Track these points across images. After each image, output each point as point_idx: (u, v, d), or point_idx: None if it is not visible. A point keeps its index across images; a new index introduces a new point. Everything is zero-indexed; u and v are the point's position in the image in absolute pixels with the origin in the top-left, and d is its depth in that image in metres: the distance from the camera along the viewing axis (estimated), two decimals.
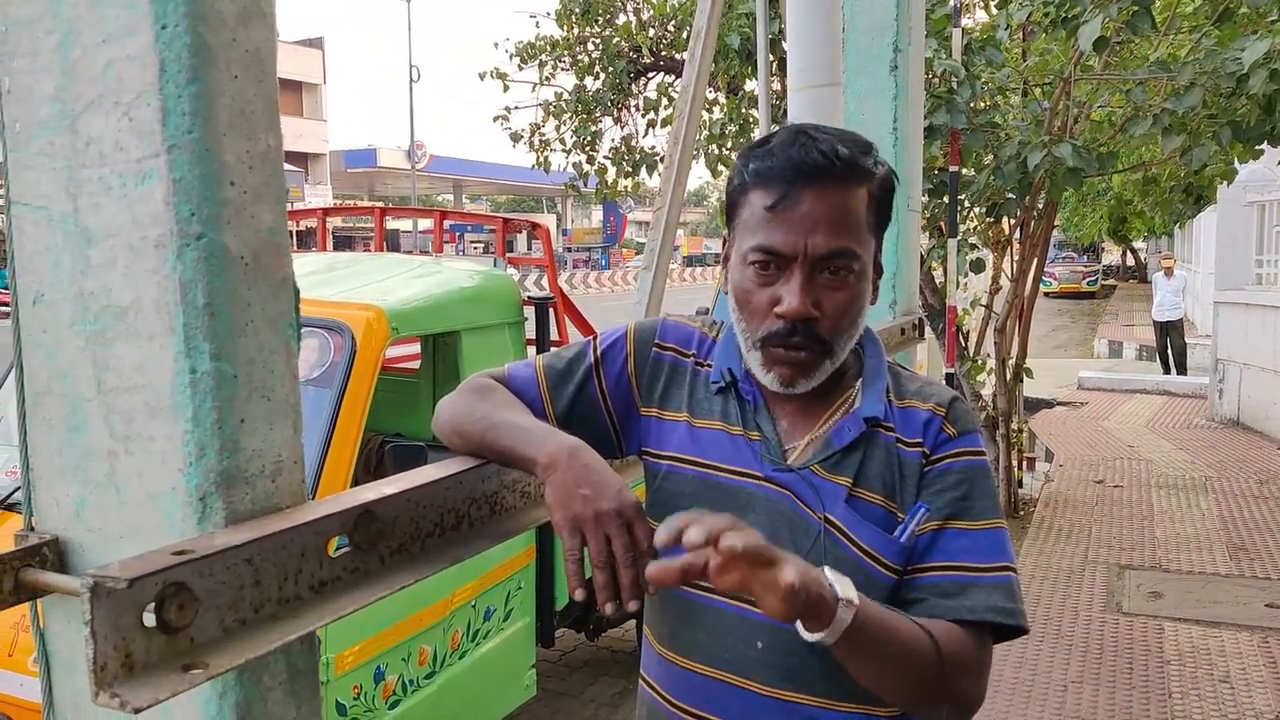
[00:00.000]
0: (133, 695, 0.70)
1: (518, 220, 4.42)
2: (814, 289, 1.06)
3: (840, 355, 1.10)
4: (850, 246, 1.06)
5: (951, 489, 1.07)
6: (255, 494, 0.86)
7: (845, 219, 1.06)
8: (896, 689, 0.99)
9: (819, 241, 1.04)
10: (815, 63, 2.33)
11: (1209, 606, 4.51)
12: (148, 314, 0.84)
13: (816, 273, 1.06)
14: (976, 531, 1.06)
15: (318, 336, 2.69)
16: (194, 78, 0.82)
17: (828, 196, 1.05)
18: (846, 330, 1.09)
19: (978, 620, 1.02)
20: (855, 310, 1.09)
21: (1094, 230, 14.55)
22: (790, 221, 1.05)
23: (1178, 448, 7.81)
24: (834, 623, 0.90)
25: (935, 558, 1.05)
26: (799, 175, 1.05)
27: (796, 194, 1.05)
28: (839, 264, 1.06)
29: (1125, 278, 32.61)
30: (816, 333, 1.07)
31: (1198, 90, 4.17)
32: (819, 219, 1.05)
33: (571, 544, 0.98)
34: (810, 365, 1.08)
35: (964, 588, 1.03)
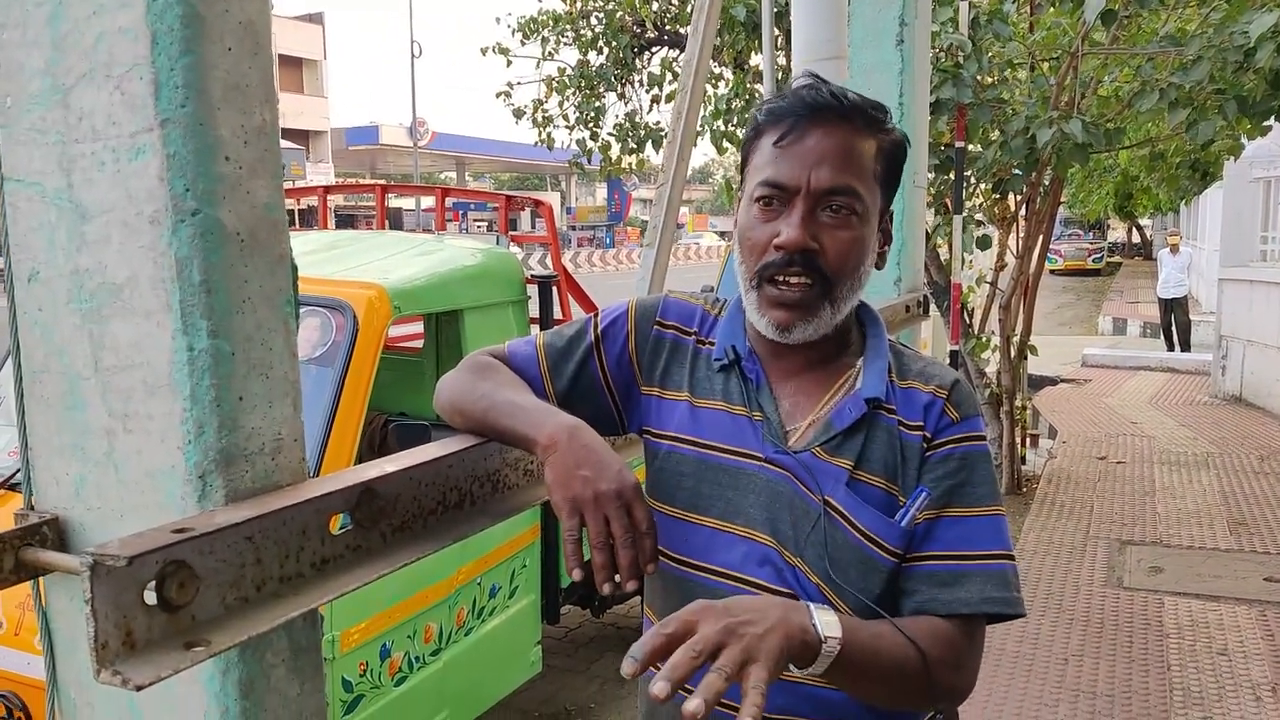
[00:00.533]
0: (135, 673, 0.70)
1: (520, 198, 4.40)
2: (815, 224, 1.06)
3: (841, 303, 1.08)
4: (853, 184, 1.06)
5: (951, 475, 1.06)
6: (255, 472, 0.86)
7: (850, 158, 1.06)
8: (885, 699, 1.02)
9: (823, 175, 1.05)
10: (820, 36, 2.31)
11: (1208, 581, 4.52)
12: (144, 291, 0.83)
13: (819, 209, 1.06)
14: (973, 519, 1.05)
15: (319, 315, 2.68)
16: (186, 50, 0.80)
17: (834, 134, 1.06)
18: (848, 274, 1.07)
19: (971, 613, 1.02)
20: (858, 253, 1.08)
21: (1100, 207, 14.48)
22: (795, 155, 1.06)
23: (1180, 424, 7.80)
24: (818, 661, 0.91)
25: (931, 546, 1.05)
26: (807, 111, 1.06)
27: (803, 129, 1.06)
28: (841, 201, 1.05)
29: (1130, 255, 32.47)
30: (816, 264, 1.06)
31: (1204, 64, 4.12)
32: (824, 154, 1.05)
33: (570, 525, 0.98)
34: (808, 305, 1.07)
35: (959, 577, 1.03)
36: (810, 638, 0.90)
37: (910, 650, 0.98)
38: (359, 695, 2.56)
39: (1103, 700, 3.45)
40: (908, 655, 0.98)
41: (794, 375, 1.13)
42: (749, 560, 1.07)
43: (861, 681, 0.97)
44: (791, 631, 0.89)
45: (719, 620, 0.87)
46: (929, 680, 0.98)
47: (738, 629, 0.87)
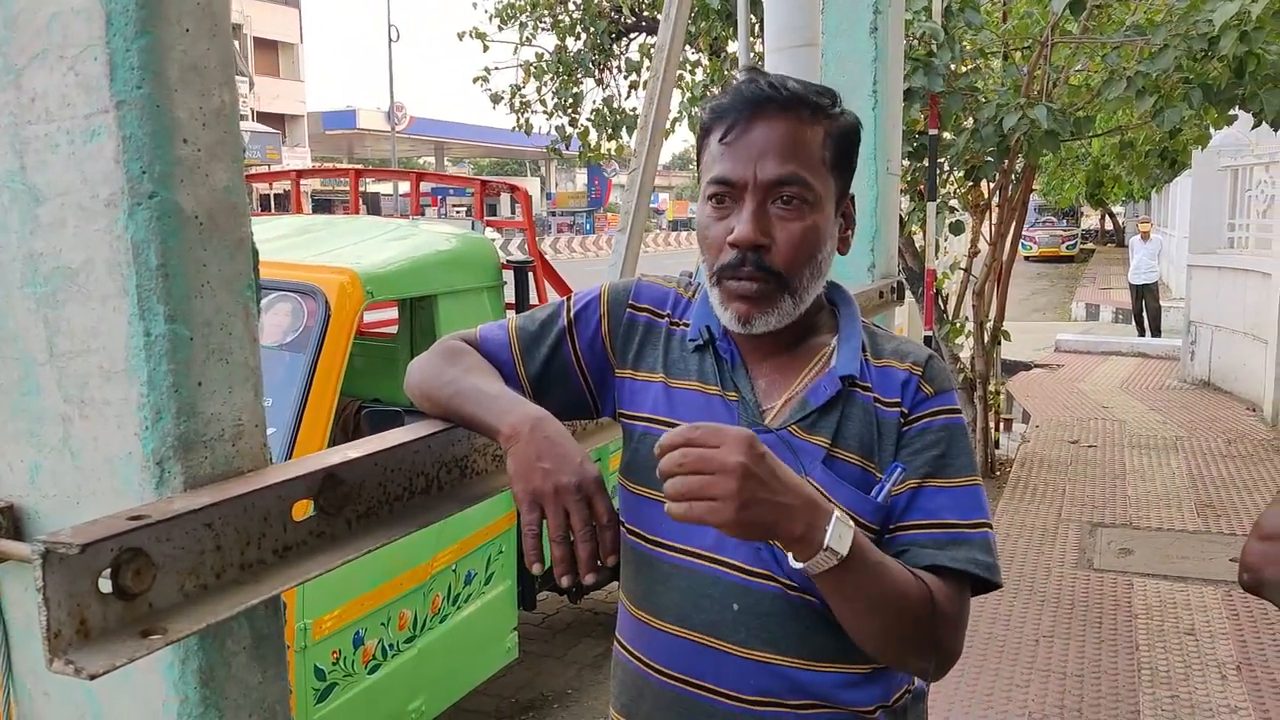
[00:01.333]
0: (88, 662, 0.70)
1: (496, 183, 4.37)
2: (765, 218, 1.06)
3: (802, 293, 1.09)
4: (800, 173, 1.06)
5: (930, 448, 1.07)
6: (215, 458, 0.85)
7: (794, 147, 1.06)
8: (881, 634, 0.99)
9: (768, 168, 1.05)
10: (793, 23, 2.31)
11: (1176, 562, 4.60)
12: (100, 275, 0.82)
13: (769, 202, 1.07)
14: (955, 489, 1.06)
15: (291, 300, 2.66)
16: (142, 31, 0.79)
17: (776, 125, 1.06)
18: (804, 265, 1.08)
19: (959, 570, 1.02)
20: (811, 242, 1.08)
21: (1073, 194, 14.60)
22: (740, 150, 1.07)
23: (1150, 408, 7.91)
24: (815, 559, 0.91)
25: (914, 515, 1.05)
26: (747, 105, 1.07)
27: (745, 124, 1.07)
28: (789, 192, 1.06)
29: (1103, 241, 32.78)
30: (767, 263, 1.07)
31: (1170, 52, 4.16)
32: (767, 146, 1.06)
33: (530, 518, 0.98)
34: (765, 299, 1.07)
35: (944, 544, 1.03)
36: (813, 536, 0.91)
37: (920, 587, 0.99)
38: (332, 683, 2.55)
39: (1072, 680, 3.51)
40: (915, 590, 0.98)
41: (769, 355, 1.14)
42: (724, 540, 1.07)
43: (859, 601, 0.96)
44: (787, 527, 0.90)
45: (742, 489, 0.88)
46: (934, 627, 0.98)
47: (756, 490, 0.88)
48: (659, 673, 1.13)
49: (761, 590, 1.06)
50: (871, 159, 2.78)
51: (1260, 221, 8.39)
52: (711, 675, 1.08)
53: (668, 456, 0.90)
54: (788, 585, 1.05)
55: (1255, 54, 4.05)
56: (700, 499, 0.88)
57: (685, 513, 0.88)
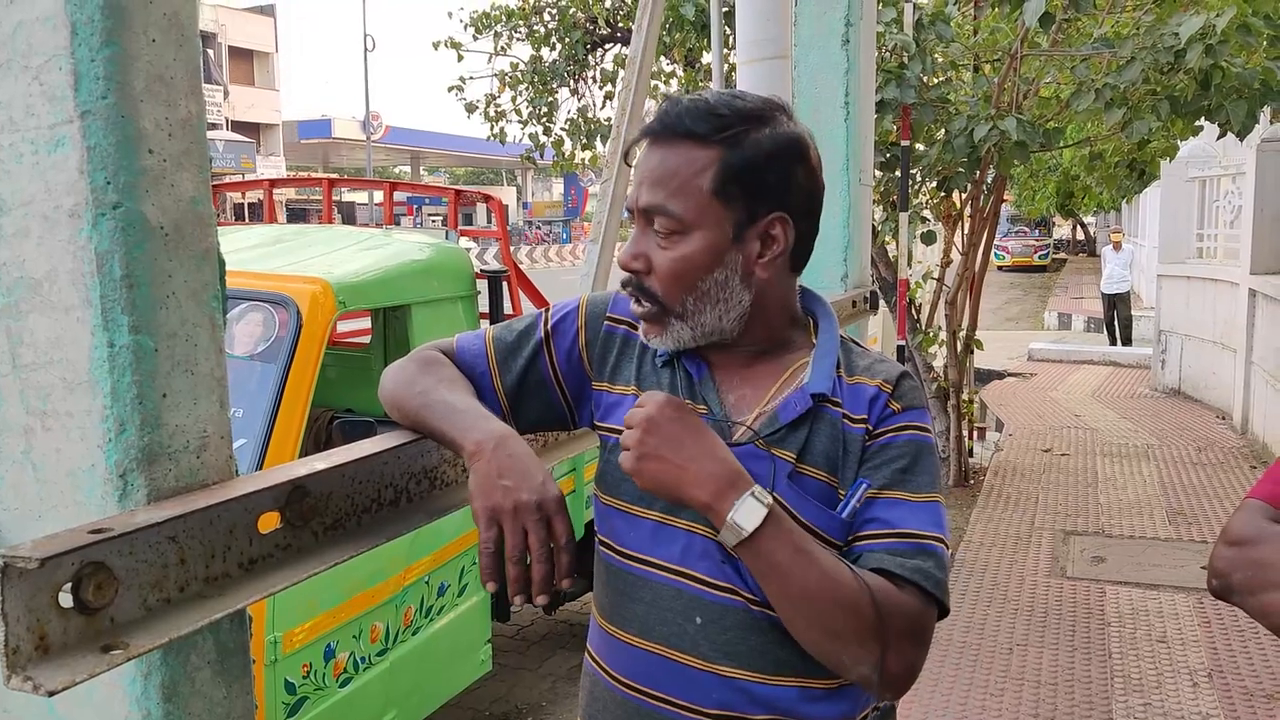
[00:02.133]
0: (47, 678, 0.69)
1: (470, 193, 4.37)
2: (648, 244, 1.10)
3: (696, 318, 1.09)
4: (665, 204, 1.06)
5: (893, 461, 1.06)
6: (179, 470, 0.84)
7: (668, 178, 1.07)
8: (810, 625, 0.97)
9: (643, 195, 1.09)
10: (764, 35, 2.32)
11: (1148, 570, 4.65)
12: (63, 286, 0.81)
13: (651, 228, 1.10)
14: (914, 503, 1.05)
15: (262, 310, 2.64)
16: (108, 41, 0.79)
17: (659, 153, 1.09)
18: (681, 291, 1.08)
19: (907, 579, 0.99)
20: (684, 270, 1.07)
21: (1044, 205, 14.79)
22: (637, 175, 1.11)
23: (1122, 417, 8.01)
24: (723, 533, 0.97)
25: (870, 526, 1.04)
26: (647, 131, 1.11)
27: (646, 149, 1.11)
28: (659, 222, 1.08)
29: (1075, 251, 33.18)
30: (644, 286, 1.10)
31: (1137, 65, 4.24)
32: (645, 175, 1.09)
33: (487, 535, 0.97)
34: (653, 320, 1.11)
35: (895, 552, 1.02)
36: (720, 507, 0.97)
37: (854, 581, 0.96)
38: (302, 697, 2.52)
39: (1046, 688, 3.54)
40: (849, 581, 0.96)
41: (740, 369, 1.14)
42: (689, 553, 1.08)
43: (782, 583, 0.97)
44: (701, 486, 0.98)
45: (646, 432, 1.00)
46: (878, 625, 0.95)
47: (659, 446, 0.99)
48: (623, 685, 1.13)
49: (724, 604, 1.06)
50: (844, 170, 2.81)
51: (1228, 232, 8.54)
52: (673, 688, 1.08)
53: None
54: (750, 599, 1.05)
55: (1220, 67, 4.13)
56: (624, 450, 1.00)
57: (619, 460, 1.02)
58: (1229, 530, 0.98)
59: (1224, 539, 0.98)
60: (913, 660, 0.99)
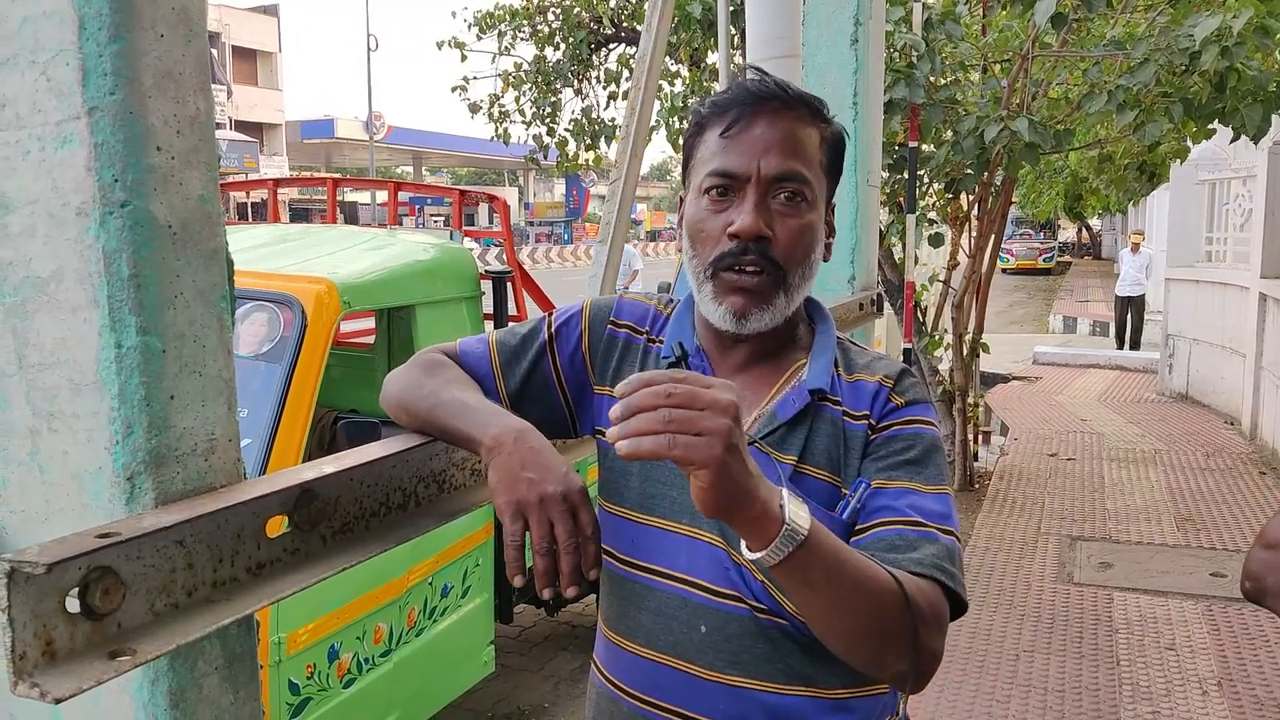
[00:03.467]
0: (54, 685, 0.67)
1: (474, 193, 4.35)
2: (767, 212, 1.07)
3: (794, 292, 1.08)
4: (802, 171, 1.07)
5: (899, 453, 1.04)
6: (187, 473, 0.83)
7: (798, 145, 1.07)
8: (852, 630, 0.90)
9: (772, 162, 1.05)
10: (774, 34, 2.31)
11: (1156, 576, 4.62)
12: (70, 285, 0.80)
13: (770, 197, 1.07)
14: (924, 492, 1.02)
15: (267, 310, 2.62)
16: (116, 36, 0.78)
17: (780, 122, 1.07)
18: (800, 261, 1.08)
19: (921, 572, 0.94)
20: (809, 241, 1.08)
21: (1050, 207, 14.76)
22: (744, 144, 1.07)
23: (1129, 421, 7.97)
24: (777, 542, 0.83)
25: (880, 514, 1.00)
26: (753, 100, 1.07)
27: (750, 118, 1.07)
28: (792, 188, 1.06)
29: (1081, 254, 33.16)
30: (770, 254, 1.06)
31: (1151, 67, 4.21)
32: (772, 142, 1.06)
33: (514, 529, 0.95)
34: (763, 293, 1.06)
35: (911, 542, 0.97)
36: (772, 511, 0.83)
37: (889, 581, 0.90)
38: (306, 698, 2.51)
39: (1053, 695, 3.51)
40: (885, 584, 0.90)
41: (741, 370, 1.13)
42: (695, 561, 1.06)
43: (822, 595, 0.87)
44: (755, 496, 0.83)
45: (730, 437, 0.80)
46: (909, 624, 0.90)
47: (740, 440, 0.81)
48: (629, 695, 1.11)
49: (729, 612, 1.04)
50: (852, 171, 2.79)
51: (1238, 235, 8.50)
52: (679, 699, 1.06)
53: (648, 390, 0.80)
54: (756, 607, 1.03)
55: (1236, 69, 4.10)
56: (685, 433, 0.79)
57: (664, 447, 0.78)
58: (1266, 533, 0.97)
59: (1261, 541, 0.97)
60: (937, 649, 0.94)
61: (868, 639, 0.91)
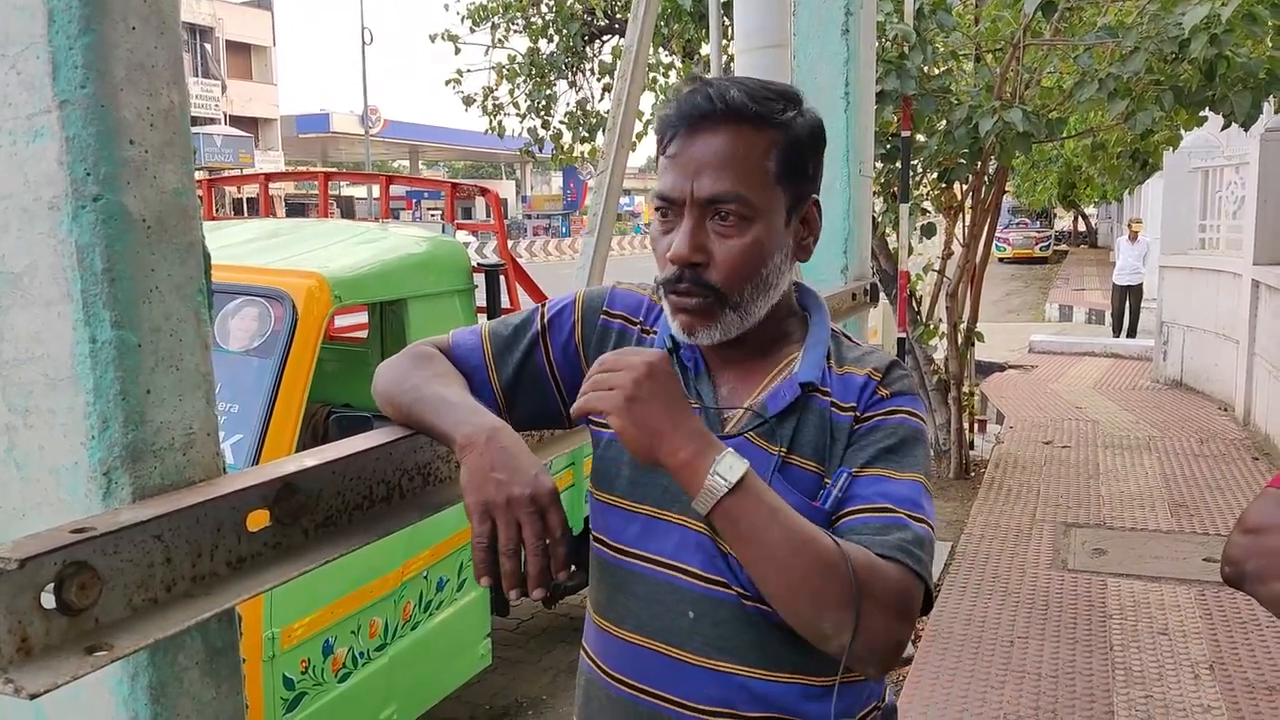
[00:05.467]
0: (29, 680, 0.67)
1: (466, 185, 4.34)
2: (702, 234, 1.05)
3: (746, 306, 1.07)
4: (735, 190, 1.03)
5: (879, 442, 1.04)
6: (165, 468, 0.83)
7: (734, 161, 1.04)
8: (786, 584, 0.93)
9: (705, 184, 1.03)
10: (762, 24, 2.30)
11: (1150, 562, 4.64)
12: (43, 280, 0.79)
13: (707, 218, 1.05)
14: (896, 480, 1.02)
15: (258, 305, 2.62)
16: (86, 29, 0.77)
17: (714, 139, 1.04)
18: (745, 279, 1.06)
19: (886, 554, 0.95)
20: (750, 258, 1.05)
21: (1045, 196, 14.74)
22: (679, 166, 1.05)
23: (1123, 409, 7.99)
24: (699, 494, 0.93)
25: (852, 502, 1.02)
26: (684, 120, 1.05)
27: (685, 138, 1.05)
28: (726, 209, 1.04)
29: (1076, 243, 33.14)
30: (703, 279, 1.05)
31: (1141, 55, 4.20)
32: (703, 162, 1.04)
33: (481, 530, 0.95)
34: (704, 313, 1.06)
35: (878, 528, 0.98)
36: (700, 463, 0.93)
37: (829, 545, 0.93)
38: (301, 693, 2.51)
39: (1047, 680, 3.53)
40: (824, 546, 0.92)
41: (733, 362, 1.13)
42: (683, 547, 1.06)
43: (757, 545, 0.92)
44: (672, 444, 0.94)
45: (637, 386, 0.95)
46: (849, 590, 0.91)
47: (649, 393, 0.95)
48: (617, 681, 1.12)
49: (717, 598, 1.05)
50: (844, 161, 2.78)
51: (1231, 223, 8.50)
52: (667, 684, 1.07)
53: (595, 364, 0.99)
54: (742, 594, 1.03)
55: (1225, 57, 4.10)
56: (598, 389, 0.95)
57: (580, 404, 0.96)
58: (1246, 518, 0.97)
59: (1240, 526, 0.97)
60: (896, 633, 0.95)
61: (802, 599, 0.93)
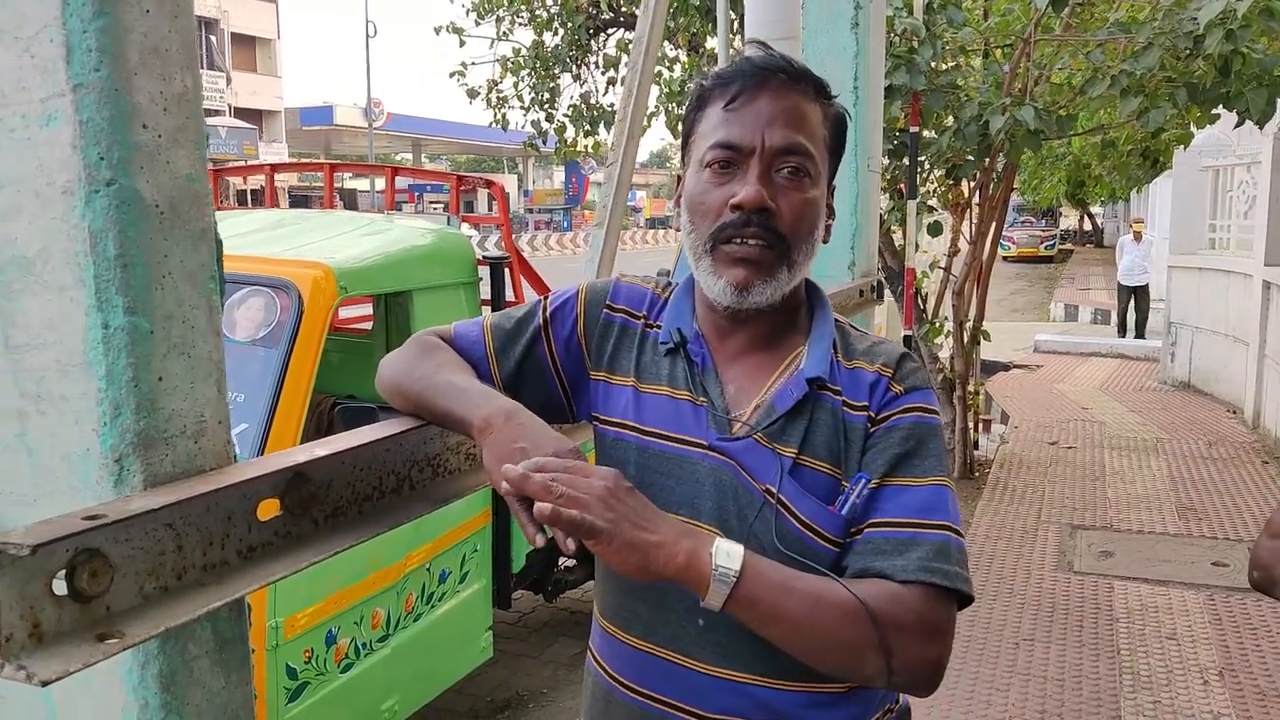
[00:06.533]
0: (40, 667, 0.67)
1: (471, 178, 4.33)
2: (770, 185, 1.05)
3: (796, 268, 1.07)
4: (807, 145, 1.06)
5: (896, 445, 1.03)
6: (176, 455, 0.82)
7: (802, 120, 1.06)
8: (817, 649, 0.95)
9: (777, 134, 1.04)
10: (772, 16, 2.29)
11: (1157, 565, 4.62)
12: (56, 265, 0.79)
13: (774, 170, 1.05)
14: (916, 488, 1.01)
15: (264, 295, 2.61)
16: (100, 12, 0.76)
17: (785, 96, 1.06)
18: (804, 236, 1.07)
19: (908, 580, 0.96)
20: (812, 216, 1.07)
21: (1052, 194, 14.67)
22: (748, 116, 1.05)
23: (1130, 410, 7.96)
24: (712, 588, 0.91)
25: (871, 515, 1.01)
26: (757, 73, 1.06)
27: (754, 90, 1.06)
28: (796, 162, 1.05)
29: (1082, 242, 33.06)
30: (773, 226, 1.04)
31: (1155, 51, 4.17)
32: (776, 114, 1.05)
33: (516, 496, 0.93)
34: (765, 264, 1.04)
35: (898, 545, 0.98)
36: (699, 561, 0.91)
37: (844, 598, 0.93)
38: (304, 683, 2.51)
39: (1053, 684, 3.51)
40: (840, 602, 0.93)
41: (740, 357, 1.11)
42: None
43: (777, 624, 0.93)
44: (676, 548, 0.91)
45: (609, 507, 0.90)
46: (877, 636, 0.92)
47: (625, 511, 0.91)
48: (625, 687, 1.10)
49: None
50: (852, 156, 2.77)
51: (1242, 223, 8.46)
52: (676, 692, 1.06)
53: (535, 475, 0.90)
54: None
55: (1241, 53, 4.05)
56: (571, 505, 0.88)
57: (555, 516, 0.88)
58: (1275, 522, 0.96)
59: (1269, 531, 0.96)
60: (931, 656, 0.96)
61: (830, 654, 0.96)
